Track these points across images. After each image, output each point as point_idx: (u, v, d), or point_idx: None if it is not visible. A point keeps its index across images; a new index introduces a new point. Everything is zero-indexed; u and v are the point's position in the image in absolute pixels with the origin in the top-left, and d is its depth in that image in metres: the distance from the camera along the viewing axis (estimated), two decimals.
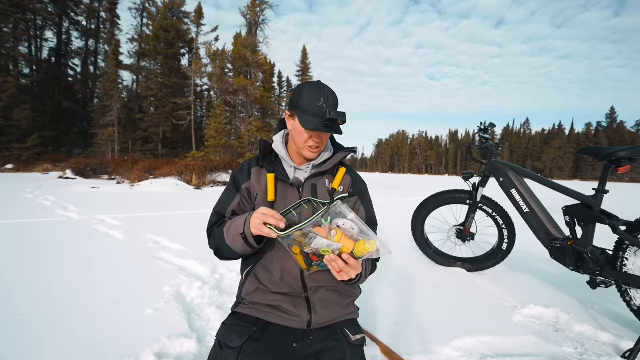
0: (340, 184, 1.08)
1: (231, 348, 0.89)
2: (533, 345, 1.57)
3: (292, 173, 1.07)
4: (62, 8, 24.41)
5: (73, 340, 1.45)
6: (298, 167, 1.07)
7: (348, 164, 1.15)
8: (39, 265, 2.46)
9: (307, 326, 0.97)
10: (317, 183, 1.06)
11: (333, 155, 1.09)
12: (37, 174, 15.04)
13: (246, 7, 15.98)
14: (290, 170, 1.08)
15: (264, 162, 1.07)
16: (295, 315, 0.98)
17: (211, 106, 18.45)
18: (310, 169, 1.07)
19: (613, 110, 68.37)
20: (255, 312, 1.00)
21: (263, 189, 1.04)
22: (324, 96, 0.96)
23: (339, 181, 1.08)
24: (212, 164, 12.18)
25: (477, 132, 2.61)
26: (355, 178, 1.13)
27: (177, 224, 4.34)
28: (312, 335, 0.96)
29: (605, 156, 1.76)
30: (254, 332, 0.93)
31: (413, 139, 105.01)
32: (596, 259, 1.82)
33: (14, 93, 18.80)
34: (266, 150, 1.09)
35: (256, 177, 1.06)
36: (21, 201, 6.00)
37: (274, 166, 1.07)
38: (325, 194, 1.05)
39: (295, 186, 1.04)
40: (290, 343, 0.94)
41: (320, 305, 1.00)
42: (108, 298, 1.91)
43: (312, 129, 0.94)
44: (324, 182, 1.07)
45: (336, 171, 1.10)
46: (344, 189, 1.09)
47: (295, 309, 0.98)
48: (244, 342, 0.90)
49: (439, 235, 2.91)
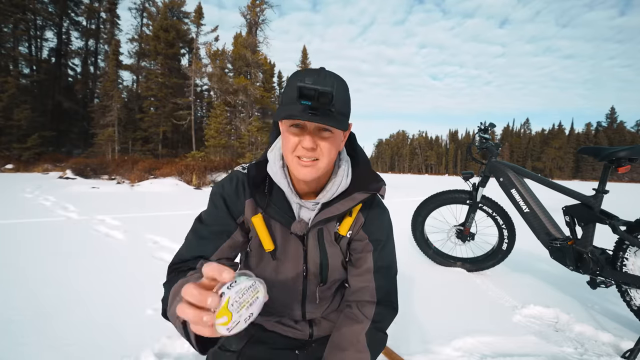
0: (350, 227, 0.82)
1: (230, 351, 0.86)
2: (533, 345, 1.57)
3: (297, 211, 0.79)
4: (62, 8, 24.39)
5: (73, 340, 1.44)
6: (302, 204, 0.78)
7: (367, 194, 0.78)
8: (39, 266, 2.45)
9: (309, 337, 0.94)
10: (324, 227, 0.81)
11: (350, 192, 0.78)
12: (37, 174, 15.03)
13: (246, 7, 15.99)
14: (295, 207, 0.79)
15: (256, 193, 0.78)
16: (296, 329, 0.94)
17: (211, 106, 18.44)
18: (317, 208, 0.78)
19: (613, 110, 68.41)
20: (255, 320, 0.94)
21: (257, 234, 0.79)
22: (314, 76, 0.66)
23: (349, 226, 0.82)
24: (212, 164, 12.18)
25: (477, 132, 2.61)
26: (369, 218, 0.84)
27: (177, 224, 4.33)
28: (314, 343, 0.94)
29: (605, 156, 1.76)
30: (252, 335, 0.90)
31: (413, 139, 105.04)
32: (596, 259, 1.82)
33: (14, 93, 18.80)
34: (258, 177, 0.78)
35: (251, 213, 0.79)
36: (21, 201, 6.00)
37: (267, 199, 0.78)
38: (332, 241, 0.83)
39: (296, 235, 0.79)
40: (291, 349, 0.91)
41: (322, 319, 0.96)
42: (108, 298, 1.91)
43: (284, 117, 0.64)
44: (333, 225, 0.82)
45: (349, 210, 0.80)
46: (353, 232, 0.83)
47: (297, 324, 0.94)
48: (244, 346, 0.87)
49: (439, 235, 2.91)
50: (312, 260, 0.83)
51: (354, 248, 0.86)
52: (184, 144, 21.99)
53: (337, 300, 0.98)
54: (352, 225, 0.83)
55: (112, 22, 26.00)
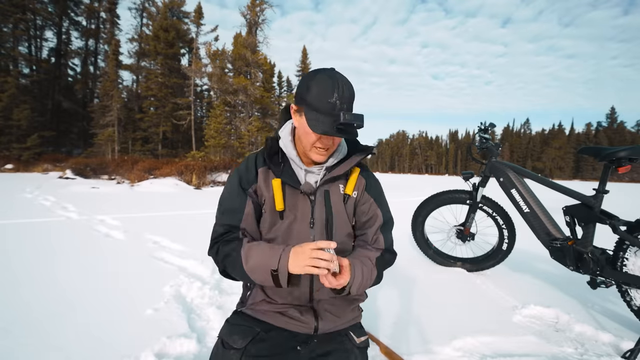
0: (354, 189, 0.99)
1: (234, 349, 0.87)
2: (533, 345, 1.57)
3: (303, 176, 0.96)
4: (62, 8, 24.38)
5: (73, 340, 1.44)
6: (309, 170, 0.95)
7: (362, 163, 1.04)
8: (39, 266, 2.45)
9: (314, 332, 0.95)
10: (330, 189, 0.96)
11: (348, 157, 0.98)
12: (37, 174, 15.03)
13: (246, 7, 15.98)
14: (301, 173, 0.96)
15: (270, 163, 0.94)
16: (301, 322, 0.95)
17: (211, 106, 18.44)
18: (323, 172, 0.95)
19: (613, 110, 68.42)
20: (260, 316, 0.96)
21: (271, 196, 0.93)
22: (338, 90, 0.80)
23: (353, 185, 0.98)
24: (212, 164, 12.17)
25: (477, 132, 2.61)
26: (369, 179, 1.03)
27: (177, 224, 4.34)
28: (316, 339, 0.94)
29: (606, 156, 1.76)
30: (257, 333, 0.91)
31: (413, 139, 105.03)
32: (596, 259, 1.82)
33: (13, 93, 18.80)
34: (272, 149, 0.96)
35: (263, 179, 0.95)
36: (21, 201, 6.00)
37: (282, 168, 0.94)
38: (339, 202, 0.97)
39: (306, 193, 0.94)
40: (295, 346, 0.92)
41: (327, 312, 0.97)
42: (108, 298, 1.91)
43: (321, 133, 0.81)
44: (338, 187, 0.97)
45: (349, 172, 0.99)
46: (358, 193, 1.00)
47: (302, 315, 0.95)
48: (248, 343, 0.87)
49: (439, 235, 2.91)
50: (318, 216, 0.94)
51: (363, 211, 1.01)
52: (184, 144, 21.97)
53: None
54: (356, 186, 0.99)
55: (112, 22, 25.98)
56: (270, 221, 0.94)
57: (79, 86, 26.37)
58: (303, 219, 0.94)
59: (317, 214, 0.94)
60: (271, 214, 0.94)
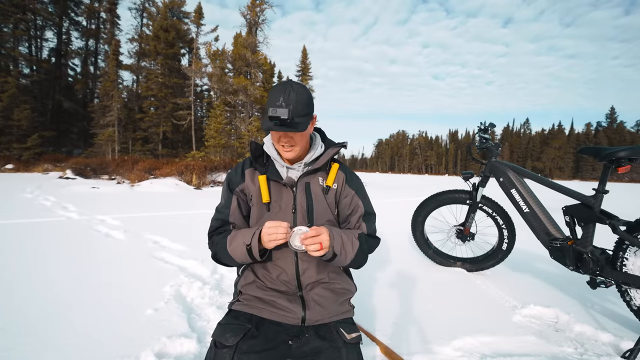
0: (334, 181, 1.10)
1: (227, 347, 0.89)
2: (533, 345, 1.57)
3: (285, 173, 1.08)
4: (62, 8, 24.38)
5: (73, 340, 1.45)
6: (290, 167, 1.08)
7: (340, 160, 1.17)
8: (39, 266, 2.46)
9: (302, 322, 0.99)
10: (311, 181, 1.08)
11: (324, 152, 1.10)
12: (37, 174, 15.03)
13: (246, 7, 15.98)
14: (283, 170, 1.08)
15: (255, 163, 1.09)
16: (289, 311, 0.99)
17: (211, 106, 18.44)
18: (302, 167, 1.08)
19: (613, 110, 68.40)
20: (250, 309, 1.01)
21: (257, 190, 1.06)
22: (284, 95, 0.94)
23: (333, 178, 1.10)
24: (212, 164, 12.17)
25: (477, 132, 2.61)
26: (348, 174, 1.14)
27: (177, 224, 4.34)
28: (307, 333, 0.97)
29: (605, 156, 1.76)
30: (249, 329, 0.94)
31: (413, 139, 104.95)
32: (596, 259, 1.82)
33: (14, 93, 18.79)
34: (257, 152, 1.11)
35: (250, 178, 1.09)
36: (21, 201, 6.00)
37: (266, 167, 1.08)
38: (320, 192, 1.08)
39: (288, 186, 1.06)
40: (286, 340, 0.95)
41: (315, 302, 1.02)
42: (108, 298, 1.91)
43: (265, 130, 0.96)
44: (317, 179, 1.09)
45: (329, 168, 1.11)
46: (338, 185, 1.11)
47: (290, 304, 1.00)
48: (240, 340, 0.90)
49: (439, 235, 2.91)
50: (300, 205, 1.05)
51: (346, 204, 1.12)
52: (184, 144, 21.97)
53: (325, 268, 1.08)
54: (336, 179, 1.11)
55: (112, 22, 25.99)
56: (258, 213, 1.07)
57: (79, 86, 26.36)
58: (287, 208, 1.05)
59: (298, 202, 1.05)
60: (258, 207, 1.07)
